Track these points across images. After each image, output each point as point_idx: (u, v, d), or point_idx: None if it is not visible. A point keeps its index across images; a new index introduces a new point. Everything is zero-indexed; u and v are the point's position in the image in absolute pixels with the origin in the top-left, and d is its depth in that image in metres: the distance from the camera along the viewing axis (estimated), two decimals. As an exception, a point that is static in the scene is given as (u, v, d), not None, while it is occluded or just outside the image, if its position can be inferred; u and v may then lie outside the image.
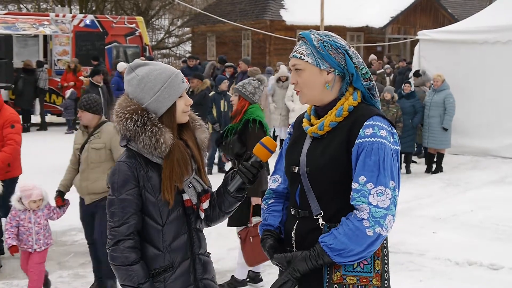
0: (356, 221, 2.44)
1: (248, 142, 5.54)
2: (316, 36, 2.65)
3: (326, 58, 2.62)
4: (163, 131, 2.67)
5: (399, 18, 31.11)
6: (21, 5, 33.22)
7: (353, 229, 2.43)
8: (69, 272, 6.42)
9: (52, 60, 19.06)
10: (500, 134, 12.71)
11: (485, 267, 6.38)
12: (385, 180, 2.47)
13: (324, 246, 2.47)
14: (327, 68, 2.62)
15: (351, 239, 2.43)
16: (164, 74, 2.72)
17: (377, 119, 2.56)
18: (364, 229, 2.42)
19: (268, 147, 2.77)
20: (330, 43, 2.63)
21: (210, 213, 2.88)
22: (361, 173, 2.48)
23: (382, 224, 2.43)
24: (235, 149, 5.59)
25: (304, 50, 2.64)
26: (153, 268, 2.71)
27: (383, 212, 2.44)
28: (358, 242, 2.43)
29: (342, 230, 2.46)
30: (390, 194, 2.46)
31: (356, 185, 2.48)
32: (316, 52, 2.62)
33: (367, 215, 2.43)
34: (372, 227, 2.42)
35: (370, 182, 2.46)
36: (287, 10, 29.58)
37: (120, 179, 2.66)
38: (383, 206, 2.44)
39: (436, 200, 9.56)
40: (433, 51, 13.82)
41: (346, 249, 2.45)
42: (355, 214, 2.46)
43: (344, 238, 2.44)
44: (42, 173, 11.44)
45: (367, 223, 2.42)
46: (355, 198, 2.47)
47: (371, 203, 2.43)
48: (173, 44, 36.63)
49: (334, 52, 2.62)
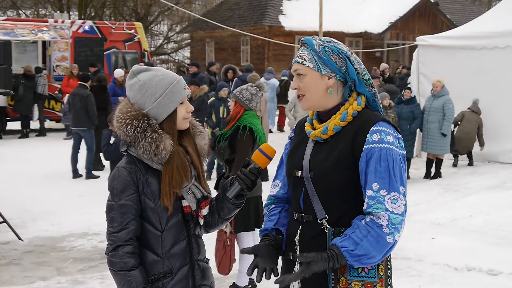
0: (377, 227, 2.45)
1: (237, 148, 5.55)
2: (317, 42, 2.67)
3: (327, 63, 2.63)
4: (163, 138, 2.67)
5: (398, 24, 31.19)
6: (20, 11, 33.26)
7: (375, 235, 2.44)
8: (68, 278, 6.40)
9: (51, 66, 19.06)
10: (498, 140, 12.71)
11: (484, 272, 6.37)
12: (397, 186, 2.49)
13: (345, 251, 2.46)
14: (328, 73, 2.64)
15: (373, 246, 2.44)
16: (166, 80, 2.73)
17: (383, 125, 2.57)
18: (385, 236, 2.44)
19: (267, 154, 2.77)
20: (331, 49, 2.64)
21: (209, 220, 2.88)
22: (374, 180, 2.49)
23: (399, 230, 2.47)
24: (225, 155, 5.61)
25: (305, 55, 2.66)
26: (152, 273, 2.71)
27: (400, 218, 2.47)
28: (380, 249, 2.45)
29: (362, 235, 2.46)
30: (403, 200, 2.49)
31: (370, 192, 2.49)
32: (318, 57, 2.64)
33: (387, 222, 2.44)
34: (392, 233, 2.45)
35: (383, 188, 2.48)
36: (286, 16, 29.67)
37: (120, 185, 2.67)
38: (398, 212, 2.47)
39: (435, 205, 9.56)
40: (432, 56, 13.83)
41: (367, 255, 2.45)
42: (373, 220, 2.46)
43: (366, 244, 2.44)
44: (41, 178, 11.45)
45: (387, 229, 2.44)
46: (371, 205, 2.47)
47: (388, 210, 2.45)
48: (172, 50, 36.68)
49: (335, 57, 2.64)
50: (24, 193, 10.05)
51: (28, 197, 9.80)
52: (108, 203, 2.70)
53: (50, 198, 9.74)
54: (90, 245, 7.56)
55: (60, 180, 11.46)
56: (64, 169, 12.46)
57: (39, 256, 7.13)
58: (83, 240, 7.76)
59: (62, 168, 12.52)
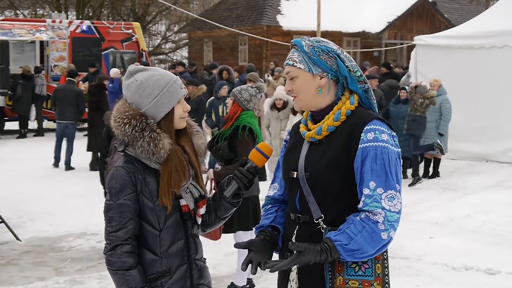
0: (372, 223, 2.46)
1: (237, 148, 5.55)
2: (307, 43, 2.67)
3: (318, 63, 2.63)
4: (162, 137, 2.67)
5: (396, 23, 31.20)
6: (18, 11, 33.22)
7: (369, 231, 2.46)
8: (66, 278, 6.40)
9: (49, 66, 19.05)
10: (497, 139, 12.71)
11: (482, 272, 6.38)
12: (393, 184, 2.50)
13: (339, 245, 2.47)
14: (319, 73, 2.64)
15: (367, 241, 2.45)
16: (163, 79, 2.73)
17: (377, 123, 2.58)
18: (380, 232, 2.46)
19: (263, 153, 2.78)
20: (321, 48, 2.65)
21: (206, 219, 2.89)
22: (370, 179, 2.50)
23: (395, 228, 2.49)
24: (224, 155, 5.61)
25: (296, 57, 2.67)
26: (150, 273, 2.71)
27: (396, 216, 2.48)
28: (373, 244, 2.46)
29: (356, 230, 2.47)
30: (400, 198, 2.51)
31: (367, 191, 2.50)
32: (308, 58, 2.64)
33: (382, 219, 2.45)
34: (387, 230, 2.46)
35: (380, 187, 2.49)
36: (284, 16, 29.66)
37: (118, 184, 2.67)
38: (395, 210, 2.48)
39: (433, 205, 9.57)
40: (430, 56, 13.84)
41: (360, 250, 2.46)
42: (368, 216, 2.47)
43: (361, 239, 2.45)
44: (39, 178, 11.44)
45: (382, 226, 2.45)
46: (367, 203, 2.48)
47: (384, 208, 2.46)
48: (169, 50, 36.68)
49: (326, 57, 2.64)
50: (22, 193, 10.04)
51: (26, 197, 9.80)
52: (106, 202, 2.71)
53: (48, 198, 9.72)
54: (88, 245, 7.56)
55: (58, 180, 11.46)
56: (62, 169, 12.46)
57: (37, 256, 7.13)
58: (81, 240, 7.75)
59: (60, 168, 12.52)
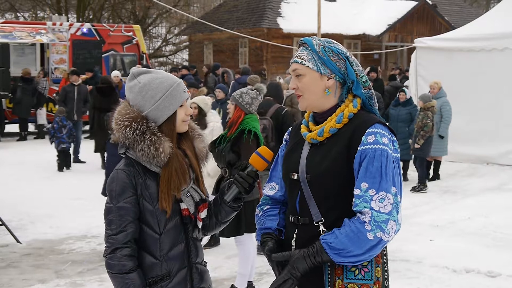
0: (358, 223, 2.45)
1: (241, 152, 5.54)
2: (317, 42, 2.66)
3: (327, 63, 2.62)
4: (162, 140, 2.67)
5: (396, 26, 31.22)
6: (18, 13, 33.24)
7: (354, 230, 2.44)
8: (67, 280, 6.39)
9: (49, 68, 19.05)
10: (497, 141, 12.72)
11: (483, 275, 6.37)
12: (386, 186, 2.48)
13: (324, 243, 2.47)
14: (327, 73, 2.63)
15: (352, 240, 2.44)
16: (166, 82, 2.73)
17: (379, 127, 2.57)
18: (365, 232, 2.43)
19: (264, 157, 2.77)
20: (331, 49, 2.64)
21: (207, 223, 2.88)
22: (363, 180, 2.48)
23: (383, 229, 2.43)
24: (227, 158, 5.59)
25: (305, 55, 2.65)
26: (150, 276, 2.71)
27: (385, 217, 2.44)
28: (358, 244, 2.44)
29: (344, 230, 2.46)
30: (391, 200, 2.47)
31: (358, 191, 2.49)
32: (318, 57, 2.63)
33: (369, 218, 2.43)
34: (373, 231, 2.43)
35: (372, 188, 2.47)
36: (284, 18, 29.66)
37: (118, 187, 2.66)
38: (384, 211, 2.45)
39: (434, 208, 9.57)
40: (430, 58, 13.84)
41: (345, 249, 2.45)
42: (358, 216, 2.47)
43: (345, 238, 2.45)
44: (39, 181, 11.44)
45: (368, 226, 2.43)
46: (357, 204, 2.48)
47: (373, 208, 2.44)
48: (170, 52, 36.66)
49: (336, 58, 2.63)
50: (23, 196, 10.04)
51: (27, 199, 9.79)
52: (106, 205, 2.70)
53: (49, 201, 9.72)
54: (88, 248, 7.55)
55: (58, 182, 11.46)
56: (63, 171, 12.46)
57: (38, 259, 7.12)
58: (82, 243, 7.74)
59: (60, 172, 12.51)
